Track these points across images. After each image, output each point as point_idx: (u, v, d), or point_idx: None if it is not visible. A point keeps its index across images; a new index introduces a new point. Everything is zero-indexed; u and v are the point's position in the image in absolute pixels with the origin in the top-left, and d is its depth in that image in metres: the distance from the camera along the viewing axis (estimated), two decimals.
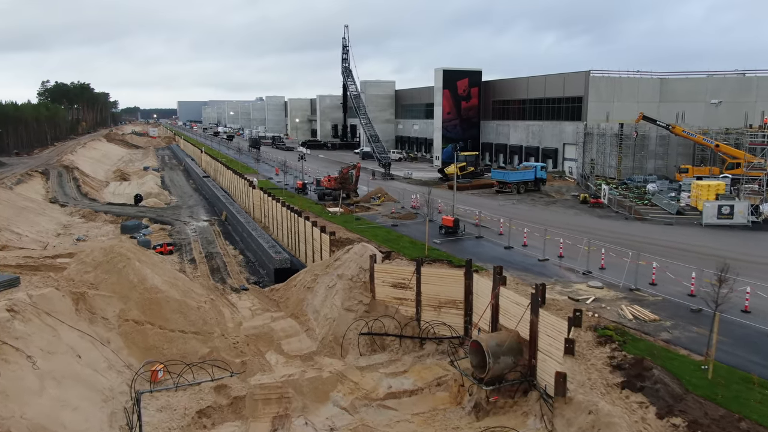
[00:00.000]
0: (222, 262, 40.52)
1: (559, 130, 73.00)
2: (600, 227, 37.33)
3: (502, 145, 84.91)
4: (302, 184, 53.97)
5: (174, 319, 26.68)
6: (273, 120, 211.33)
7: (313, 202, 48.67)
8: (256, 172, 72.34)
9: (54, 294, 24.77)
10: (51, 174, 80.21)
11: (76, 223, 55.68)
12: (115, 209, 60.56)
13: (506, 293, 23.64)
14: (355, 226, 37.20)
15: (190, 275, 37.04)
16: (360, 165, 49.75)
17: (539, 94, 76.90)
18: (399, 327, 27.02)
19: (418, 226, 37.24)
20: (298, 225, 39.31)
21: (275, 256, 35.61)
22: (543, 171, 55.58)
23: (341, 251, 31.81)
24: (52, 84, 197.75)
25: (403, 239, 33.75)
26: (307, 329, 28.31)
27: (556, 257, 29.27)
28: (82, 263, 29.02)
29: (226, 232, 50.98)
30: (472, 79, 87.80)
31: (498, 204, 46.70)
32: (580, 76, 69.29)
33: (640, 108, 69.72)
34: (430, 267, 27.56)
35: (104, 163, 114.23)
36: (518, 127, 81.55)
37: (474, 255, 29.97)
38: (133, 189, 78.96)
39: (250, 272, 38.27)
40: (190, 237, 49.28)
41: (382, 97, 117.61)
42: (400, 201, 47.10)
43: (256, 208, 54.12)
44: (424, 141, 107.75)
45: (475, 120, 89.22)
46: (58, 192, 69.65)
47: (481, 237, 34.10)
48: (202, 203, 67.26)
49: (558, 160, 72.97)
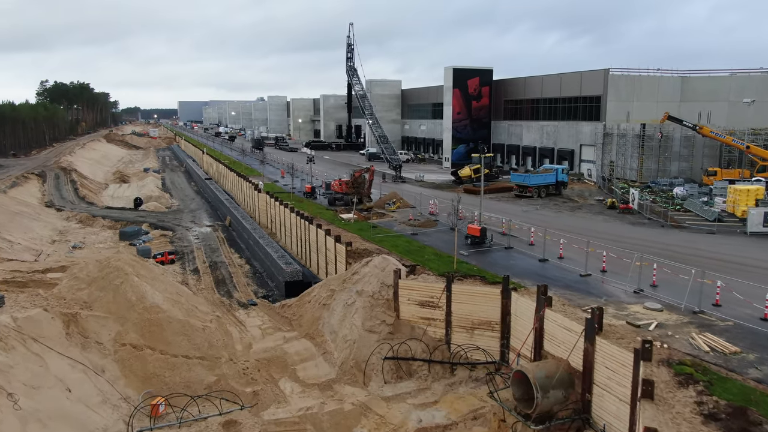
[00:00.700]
0: (227, 273, 37.79)
1: (576, 131, 70.22)
2: (635, 236, 34.55)
3: (515, 146, 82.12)
4: (311, 187, 51.22)
5: (177, 342, 23.94)
6: (275, 120, 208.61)
7: (324, 207, 45.94)
8: (261, 174, 69.63)
9: (42, 316, 22.04)
10: (48, 176, 77.46)
11: (72, 228, 52.94)
12: (114, 213, 57.83)
13: (553, 316, 20.86)
14: (372, 235, 34.43)
15: (193, 288, 34.32)
16: (374, 168, 46.99)
17: (554, 94, 74.12)
18: (427, 350, 24.27)
19: (440, 235, 34.51)
20: (309, 233, 36.57)
21: (286, 268, 32.85)
22: (564, 174, 52.80)
23: (359, 264, 29.05)
24: (51, 84, 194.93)
25: (426, 250, 30.98)
26: (325, 352, 25.54)
27: (599, 272, 26.51)
28: (74, 279, 26.30)
29: (231, 239, 48.24)
30: (483, 78, 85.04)
31: (521, 209, 43.92)
32: (599, 74, 66.52)
33: (660, 107, 67.01)
34: (461, 284, 24.82)
35: (103, 165, 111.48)
36: (531, 127, 78.76)
37: (506, 269, 27.23)
38: (132, 191, 76.27)
39: (258, 284, 35.53)
40: (192, 244, 46.55)
41: (388, 97, 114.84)
42: (417, 206, 44.37)
43: (261, 212, 51.38)
44: (432, 142, 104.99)
45: (486, 120, 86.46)
46: (54, 195, 66.91)
47: (510, 248, 31.34)
48: (204, 207, 64.53)
49: (574, 162, 70.17)
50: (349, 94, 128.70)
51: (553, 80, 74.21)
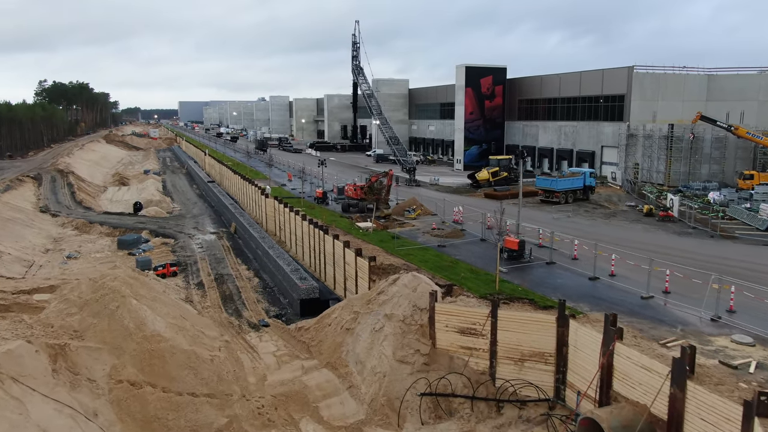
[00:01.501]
0: (235, 287, 34.60)
1: (597, 132, 67.03)
2: (686, 248, 31.36)
3: (530, 148, 78.83)
4: (322, 192, 48.05)
5: (181, 377, 20.74)
6: (277, 121, 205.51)
7: (337, 214, 42.77)
8: (268, 177, 66.45)
9: (25, 350, 18.84)
10: (43, 179, 74.34)
11: (68, 236, 49.79)
12: (112, 219, 54.66)
13: (626, 351, 17.67)
14: (396, 247, 31.20)
15: (198, 305, 31.14)
16: (392, 172, 43.76)
17: (573, 92, 70.93)
18: (470, 385, 21.05)
19: (471, 248, 31.34)
20: (325, 244, 33.38)
21: (301, 284, 29.67)
22: (592, 178, 49.57)
23: (385, 282, 25.87)
24: (50, 84, 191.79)
25: (459, 266, 27.78)
26: (350, 386, 22.33)
27: (661, 293, 23.32)
28: (64, 301, 23.11)
29: (237, 248, 45.07)
30: (497, 77, 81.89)
31: (551, 217, 40.70)
32: (622, 72, 63.34)
33: (686, 107, 63.93)
34: (508, 308, 21.63)
35: (103, 166, 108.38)
36: (548, 128, 75.56)
37: (554, 289, 24.06)
38: (132, 195, 73.12)
39: (269, 301, 32.34)
40: (196, 253, 43.38)
41: (395, 97, 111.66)
42: (438, 213, 41.20)
43: (269, 219, 48.23)
44: (441, 143, 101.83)
45: (499, 120, 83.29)
46: (50, 200, 63.76)
47: (553, 263, 28.15)
48: (207, 212, 61.36)
49: (595, 164, 66.95)
50: (354, 94, 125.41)
51: (573, 79, 71.01)
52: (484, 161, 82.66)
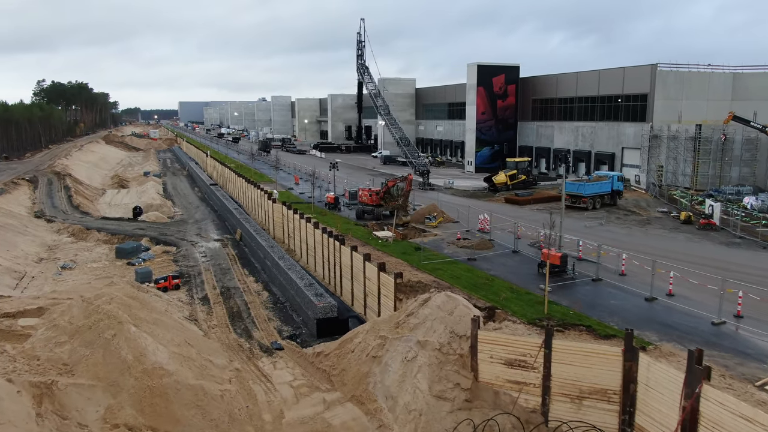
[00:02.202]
0: (243, 303, 31.78)
1: (618, 132, 64.21)
2: (740, 262, 28.59)
3: (544, 149, 76.11)
4: (334, 198, 45.22)
5: (188, 418, 17.94)
6: (279, 121, 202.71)
7: (352, 221, 39.94)
8: (274, 181, 63.65)
9: (4, 390, 16.05)
10: (39, 182, 71.53)
11: (63, 243, 46.98)
12: (111, 225, 51.84)
13: (716, 396, 14.85)
14: (422, 261, 28.34)
15: (203, 324, 28.34)
16: (411, 177, 40.88)
17: (591, 92, 68.11)
18: (520, 426, 18.24)
19: (504, 261, 28.53)
20: (341, 256, 30.59)
21: (317, 302, 26.85)
22: (620, 182, 46.73)
23: (415, 302, 23.08)
24: (48, 84, 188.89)
25: (495, 283, 24.95)
26: (381, 425, 19.51)
27: (732, 316, 20.50)
28: (53, 327, 20.29)
29: (243, 257, 42.26)
30: (509, 76, 79.08)
31: (582, 225, 37.82)
32: (645, 70, 60.52)
33: (710, 106, 61.17)
34: (563, 337, 18.84)
35: (102, 168, 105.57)
36: (564, 128, 72.73)
37: (609, 312, 21.25)
38: (132, 198, 70.31)
39: (281, 318, 29.51)
40: (200, 263, 40.58)
41: (402, 96, 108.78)
42: (460, 220, 38.38)
43: (276, 225, 45.43)
44: (450, 143, 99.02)
45: (512, 121, 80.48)
46: (45, 204, 60.94)
47: (599, 280, 25.31)
48: (210, 217, 58.54)
49: (615, 167, 64.11)
50: (359, 93, 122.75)
51: (591, 77, 68.18)
52: (496, 163, 79.88)
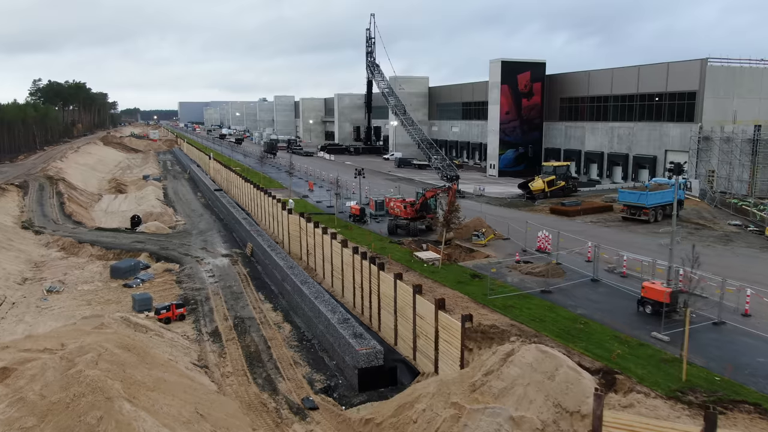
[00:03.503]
0: (261, 340, 26.47)
1: (660, 134, 58.91)
2: None
3: (574, 152, 70.77)
4: (359, 209, 39.94)
5: None
6: (282, 121, 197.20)
7: (384, 238, 34.61)
8: (284, 187, 58.32)
9: None
10: (30, 187, 66.25)
11: (52, 259, 41.68)
12: (106, 238, 46.52)
13: None
14: (488, 295, 22.98)
15: (215, 371, 23.04)
16: (456, 187, 35.44)
17: (629, 89, 62.79)
18: None
19: (587, 293, 23.22)
20: (380, 284, 25.31)
21: (358, 347, 21.53)
22: (682, 190, 41.40)
23: (493, 356, 17.83)
24: (44, 83, 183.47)
25: (592, 328, 19.64)
26: None
27: None
28: (18, 402, 15.02)
29: (256, 276, 36.97)
30: (535, 73, 73.77)
31: (653, 242, 32.37)
32: (693, 65, 55.21)
33: (763, 105, 55.80)
34: (730, 425, 13.50)
35: (99, 171, 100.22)
36: (597, 129, 67.41)
37: (759, 374, 15.87)
38: (130, 205, 65.02)
39: (309, 362, 24.17)
40: (207, 284, 35.27)
41: (415, 95, 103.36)
42: (509, 236, 33.08)
43: (293, 239, 40.22)
44: (467, 145, 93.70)
45: (537, 121, 75.16)
46: (35, 212, 55.63)
47: (722, 323, 19.98)
48: (216, 227, 53.19)
49: (657, 171, 58.81)
50: (368, 92, 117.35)
51: (629, 74, 62.85)
52: (521, 166, 74.66)
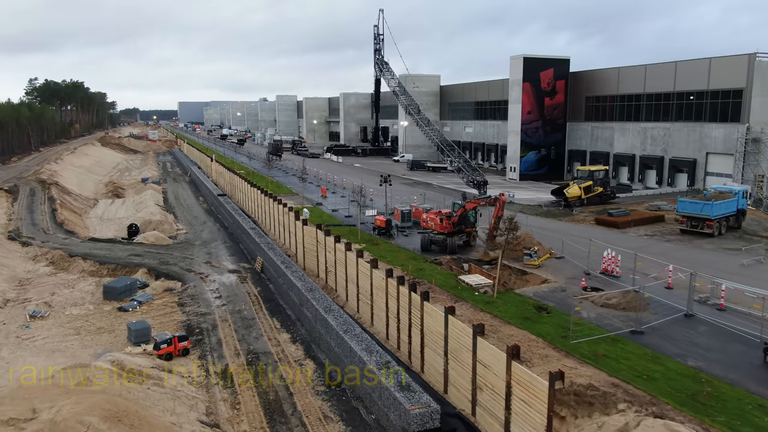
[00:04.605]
0: (282, 385, 22.11)
1: (701, 135, 54.59)
2: None
3: (601, 154, 66.45)
4: (385, 220, 35.60)
5: None
6: (284, 122, 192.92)
7: (419, 256, 30.23)
8: (294, 192, 53.98)
9: None
10: (20, 192, 61.96)
11: (39, 275, 37.38)
12: (100, 250, 42.22)
13: None
14: (568, 338, 18.58)
15: (230, 430, 18.63)
16: (505, 198, 30.92)
17: (665, 87, 58.46)
18: None
19: (687, 333, 18.92)
20: (429, 320, 20.99)
21: (408, 405, 17.21)
22: (745, 199, 37.10)
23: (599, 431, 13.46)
24: (41, 82, 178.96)
25: (721, 390, 15.33)
26: None
27: None
28: None
29: (269, 298, 32.63)
30: (558, 70, 69.53)
31: (735, 262, 28.01)
32: (739, 61, 50.90)
33: None
34: None
35: (95, 174, 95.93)
36: (628, 130, 63.08)
37: None
38: (128, 210, 60.76)
39: (342, 415, 19.83)
40: (213, 308, 30.94)
41: (426, 94, 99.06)
42: (562, 252, 28.75)
43: (308, 253, 35.99)
44: (482, 147, 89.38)
45: (560, 121, 70.84)
46: (24, 220, 51.30)
47: None
48: (221, 236, 48.85)
49: (697, 176, 54.51)
50: (376, 91, 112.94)
51: (664, 70, 58.52)
52: (543, 169, 70.45)
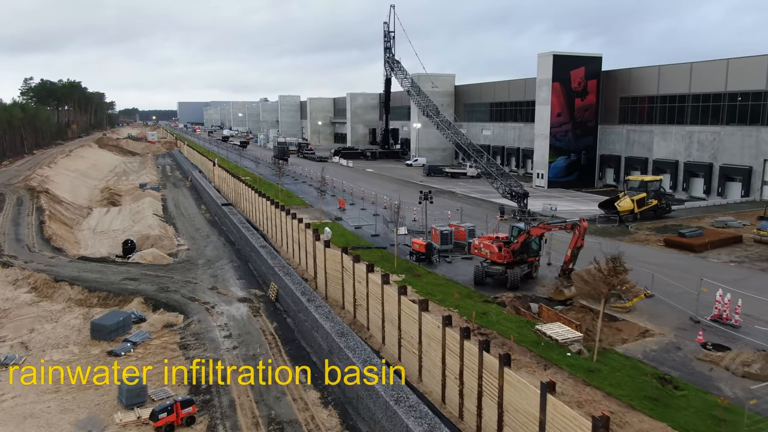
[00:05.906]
0: None
1: (758, 140, 49.46)
2: None
3: (638, 159, 61.30)
4: (425, 245, 30.40)
5: None
6: (287, 122, 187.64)
7: (473, 292, 25.06)
8: (306, 203, 48.75)
9: None
10: (6, 202, 56.73)
11: (18, 305, 32.19)
12: (90, 272, 37.08)
13: None
14: None
15: None
16: (586, 224, 25.59)
17: (714, 87, 53.29)
18: None
19: None
20: (511, 393, 15.86)
21: None
22: None
23: None
24: (36, 82, 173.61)
25: None
26: None
27: None
28: None
29: (289, 338, 27.46)
30: (590, 68, 64.32)
31: None
32: None
33: None
34: None
35: (91, 178, 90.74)
36: (670, 134, 57.91)
37: None
38: (124, 221, 55.56)
39: None
40: (222, 351, 25.81)
41: (440, 95, 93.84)
42: (648, 287, 23.62)
43: (330, 280, 30.78)
44: (501, 150, 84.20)
45: (591, 124, 65.63)
46: (8, 235, 46.12)
47: None
48: (227, 254, 43.66)
49: (752, 185, 49.32)
50: (386, 92, 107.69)
51: (713, 68, 53.35)
52: (573, 176, 65.30)
